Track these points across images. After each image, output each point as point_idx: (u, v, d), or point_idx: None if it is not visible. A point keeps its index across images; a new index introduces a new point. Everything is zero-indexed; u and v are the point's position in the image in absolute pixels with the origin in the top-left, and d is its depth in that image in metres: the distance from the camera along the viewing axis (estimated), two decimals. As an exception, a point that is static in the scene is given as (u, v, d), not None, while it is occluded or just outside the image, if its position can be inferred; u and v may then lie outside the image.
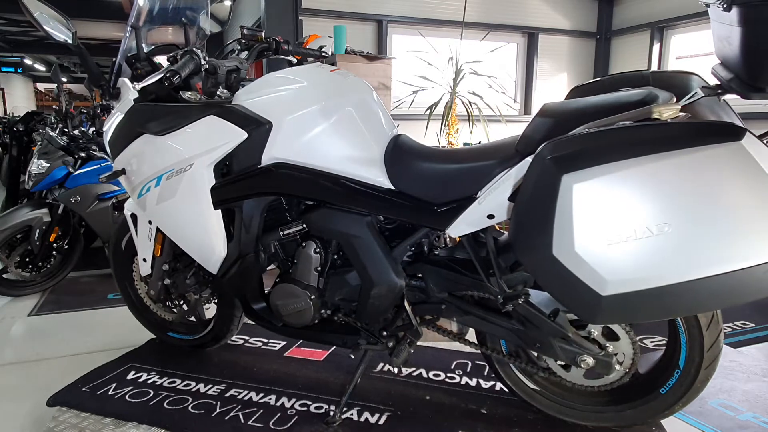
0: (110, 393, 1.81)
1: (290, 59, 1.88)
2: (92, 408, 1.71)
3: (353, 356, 1.65)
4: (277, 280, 1.67)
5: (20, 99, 17.34)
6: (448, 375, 1.91)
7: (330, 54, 2.17)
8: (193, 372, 1.96)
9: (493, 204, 1.29)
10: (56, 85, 3.91)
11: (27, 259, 2.86)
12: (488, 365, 1.68)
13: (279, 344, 2.19)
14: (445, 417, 1.65)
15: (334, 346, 2.09)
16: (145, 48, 1.84)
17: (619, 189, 1.02)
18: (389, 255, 1.50)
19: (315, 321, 1.64)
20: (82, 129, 3.46)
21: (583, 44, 6.90)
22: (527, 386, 1.62)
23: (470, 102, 5.25)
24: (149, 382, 1.89)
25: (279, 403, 1.73)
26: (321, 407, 1.71)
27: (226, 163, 1.58)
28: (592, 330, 1.43)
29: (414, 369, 1.95)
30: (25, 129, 4.09)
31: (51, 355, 2.15)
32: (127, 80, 1.77)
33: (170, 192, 1.62)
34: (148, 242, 1.83)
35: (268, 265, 1.71)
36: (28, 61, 15.77)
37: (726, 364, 2.00)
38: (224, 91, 1.58)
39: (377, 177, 1.46)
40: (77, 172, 2.94)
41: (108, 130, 1.80)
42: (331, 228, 1.53)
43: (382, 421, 1.63)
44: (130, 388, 1.84)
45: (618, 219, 1.03)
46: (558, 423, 1.59)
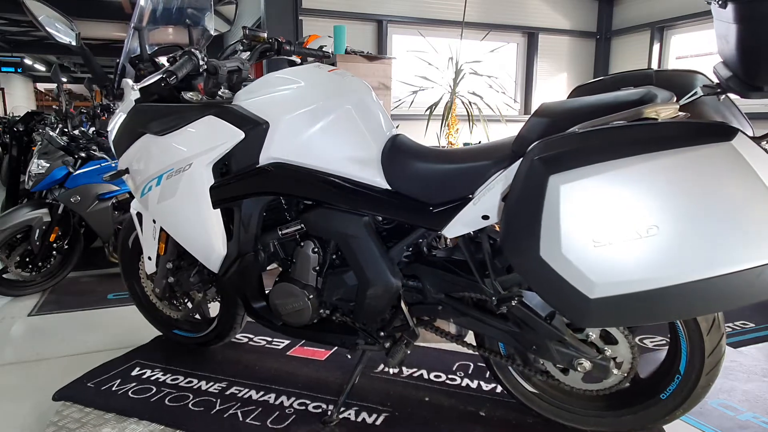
0: (114, 389, 1.83)
1: (293, 59, 1.89)
2: (96, 403, 1.73)
3: (350, 356, 1.65)
4: (277, 280, 1.67)
5: (20, 99, 17.34)
6: (449, 376, 1.90)
7: (330, 54, 2.18)
8: (196, 369, 1.97)
9: (488, 205, 1.28)
10: (56, 85, 3.91)
11: (27, 259, 2.85)
12: (487, 367, 1.67)
13: (282, 343, 2.20)
14: (443, 418, 1.64)
15: (336, 346, 2.09)
16: (149, 49, 1.84)
17: (607, 190, 1.01)
18: (386, 255, 1.49)
19: (314, 321, 1.64)
20: (82, 129, 3.46)
21: (583, 44, 6.90)
22: (526, 389, 1.60)
23: (470, 102, 5.25)
24: (153, 379, 1.90)
25: (278, 402, 1.74)
26: (319, 407, 1.71)
27: (225, 163, 1.59)
28: (590, 333, 1.40)
29: (415, 370, 1.95)
30: (25, 129, 4.09)
31: (51, 355, 2.15)
32: (130, 81, 1.78)
33: (170, 191, 1.63)
34: (153, 241, 1.86)
35: (269, 265, 1.72)
36: (28, 61, 15.77)
37: (726, 364, 2.00)
38: (226, 92, 1.60)
39: (374, 177, 1.46)
40: (77, 172, 2.94)
41: (112, 130, 1.83)
42: (329, 228, 1.53)
43: (379, 422, 1.62)
44: (134, 384, 1.86)
45: (605, 221, 1.01)
46: (557, 427, 1.58)
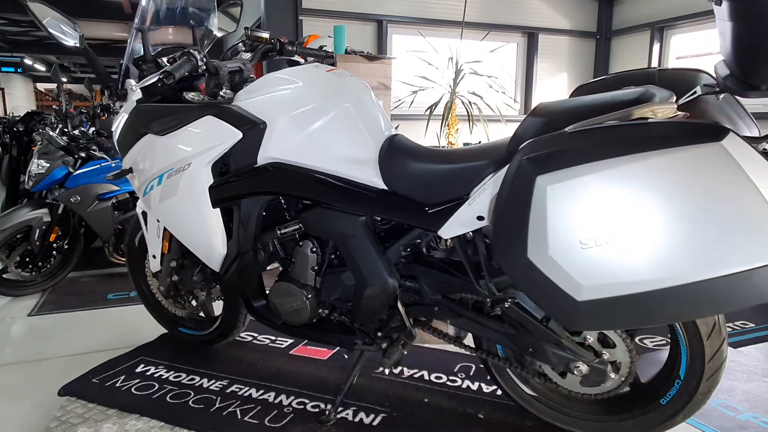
0: (118, 385, 1.85)
1: (296, 59, 1.89)
2: (99, 399, 1.76)
3: (347, 356, 1.66)
4: (277, 279, 1.67)
5: (20, 99, 17.35)
6: (450, 378, 1.90)
7: (333, 54, 2.18)
8: (199, 367, 1.99)
9: (483, 205, 1.27)
10: (56, 85, 3.91)
11: (27, 259, 2.85)
12: (485, 369, 1.66)
13: (285, 342, 2.20)
14: (441, 420, 1.64)
15: (335, 346, 2.10)
16: (152, 49, 1.85)
17: (594, 191, 0.99)
18: (383, 255, 1.49)
19: (313, 320, 1.65)
20: (82, 129, 3.46)
21: (583, 44, 6.90)
22: (524, 392, 1.59)
23: (470, 102, 5.25)
24: (156, 376, 1.93)
25: (277, 401, 1.75)
26: (317, 406, 1.71)
27: (224, 163, 1.60)
28: (588, 336, 1.38)
29: (416, 370, 1.94)
30: (25, 129, 4.09)
31: (51, 355, 2.15)
32: (133, 81, 1.80)
33: (171, 190, 1.65)
34: (157, 239, 1.88)
35: (269, 264, 1.72)
36: (28, 61, 15.76)
37: (726, 364, 2.00)
38: (228, 92, 1.61)
39: (371, 177, 1.46)
40: (77, 172, 2.93)
41: (115, 130, 1.85)
42: (326, 227, 1.53)
43: (376, 422, 1.63)
44: (138, 381, 1.88)
45: (592, 222, 1.00)
46: (556, 431, 1.57)
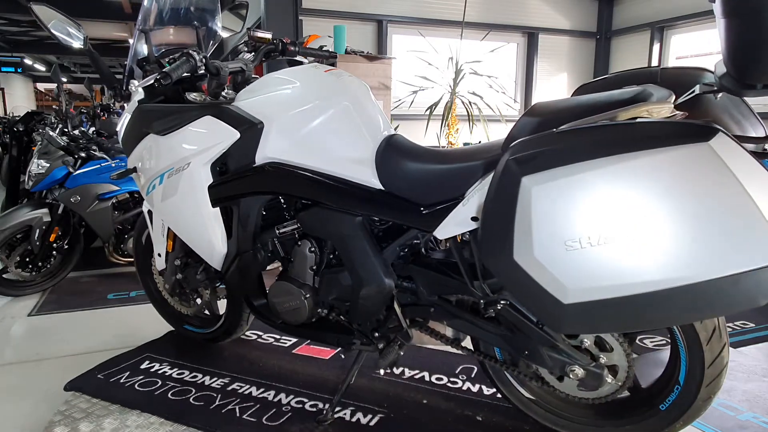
0: (122, 381, 1.88)
1: (298, 60, 1.89)
2: (103, 394, 1.78)
3: (344, 356, 1.65)
4: (277, 278, 1.68)
5: (20, 99, 17.34)
6: (451, 379, 1.89)
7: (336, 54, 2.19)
8: (203, 364, 2.01)
9: (477, 206, 1.26)
10: (56, 85, 3.91)
11: (27, 259, 2.85)
12: (484, 372, 1.65)
13: (289, 341, 2.21)
14: (438, 421, 1.63)
15: (333, 346, 2.10)
16: (156, 50, 1.86)
17: (580, 192, 0.98)
18: (379, 255, 1.48)
19: (312, 319, 1.65)
20: (82, 129, 3.46)
21: (583, 44, 6.90)
22: (522, 395, 1.58)
23: (470, 102, 5.25)
24: (159, 373, 1.95)
25: (276, 399, 1.75)
26: (316, 405, 1.72)
27: (223, 163, 1.61)
28: (585, 340, 1.36)
29: (417, 371, 1.94)
30: (25, 129, 4.09)
31: (51, 355, 2.15)
32: (136, 82, 1.80)
33: (172, 190, 1.67)
34: (161, 238, 1.90)
35: (269, 263, 1.72)
36: (28, 61, 15.77)
37: (727, 370, 1.99)
38: (230, 92, 1.63)
39: (367, 177, 1.46)
40: (77, 172, 2.93)
41: (120, 130, 1.88)
42: (323, 227, 1.53)
43: (373, 423, 1.63)
44: (141, 377, 1.91)
45: (577, 224, 0.98)
46: (554, 435, 1.56)
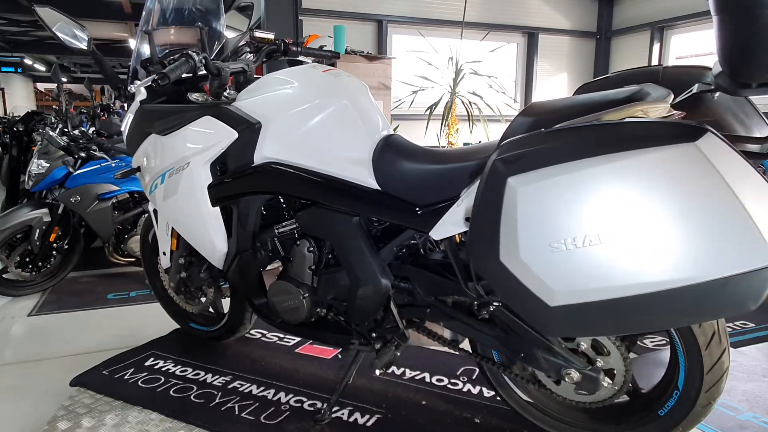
0: (126, 377, 1.91)
1: (301, 60, 1.90)
2: (106, 390, 1.81)
3: (341, 356, 1.65)
4: (277, 277, 1.68)
5: (20, 99, 17.34)
6: (452, 381, 1.88)
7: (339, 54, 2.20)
8: (206, 362, 2.03)
9: (470, 206, 1.23)
10: (56, 85, 3.91)
11: (27, 259, 2.85)
12: (482, 374, 1.64)
13: (293, 340, 2.21)
14: (436, 423, 1.63)
15: (331, 346, 2.10)
16: (160, 51, 1.86)
17: (565, 193, 0.96)
18: (376, 256, 1.48)
19: (312, 319, 1.65)
20: (82, 129, 3.46)
21: (583, 44, 6.90)
22: (520, 398, 1.56)
23: (470, 102, 5.25)
24: (163, 370, 1.97)
25: (276, 398, 1.76)
26: (314, 405, 1.72)
27: (222, 162, 1.62)
28: (581, 343, 1.33)
29: (418, 372, 1.93)
30: (25, 129, 4.09)
31: (51, 355, 2.15)
32: (138, 82, 1.81)
33: (173, 189, 1.68)
34: (166, 236, 1.92)
35: (270, 263, 1.73)
36: (28, 61, 15.76)
37: (728, 375, 1.99)
38: (231, 93, 1.64)
39: (364, 177, 1.45)
40: (77, 172, 2.93)
41: (124, 131, 1.89)
42: (320, 227, 1.54)
43: (370, 423, 1.62)
44: (145, 374, 1.93)
45: (562, 225, 0.97)
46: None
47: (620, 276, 0.95)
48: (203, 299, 2.08)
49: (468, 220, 1.25)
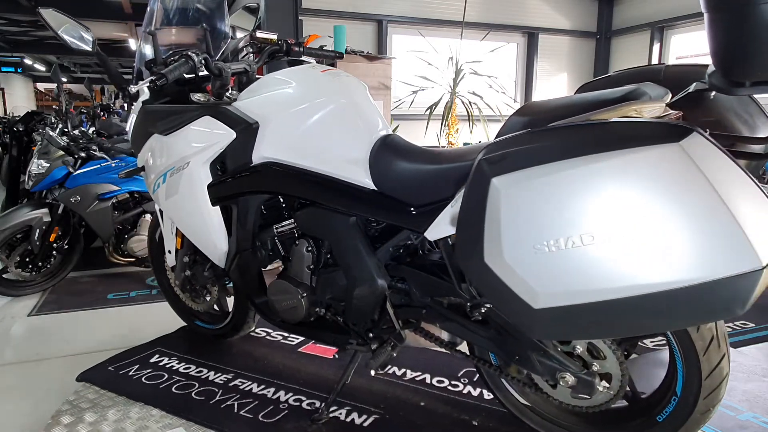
0: (131, 374, 1.93)
1: (304, 60, 1.90)
2: (111, 386, 1.84)
3: (338, 356, 1.65)
4: (277, 276, 1.68)
5: (20, 99, 17.34)
6: (452, 383, 1.87)
7: (341, 53, 2.22)
8: (209, 360, 2.04)
9: None
10: (56, 85, 3.92)
11: (27, 259, 2.85)
12: (480, 377, 1.63)
13: (297, 339, 2.22)
14: (433, 425, 1.62)
15: (329, 345, 2.10)
16: (164, 51, 1.86)
17: (548, 194, 0.95)
18: (372, 256, 1.47)
19: (311, 318, 1.65)
20: (82, 129, 3.46)
21: (583, 44, 6.91)
22: (518, 401, 1.55)
23: (470, 102, 5.26)
24: (167, 367, 1.99)
25: (275, 397, 1.77)
26: (313, 404, 1.72)
27: (222, 162, 1.62)
28: (577, 346, 1.30)
29: (419, 373, 1.93)
30: (25, 129, 4.09)
31: (51, 355, 2.15)
32: (141, 83, 1.84)
33: (174, 188, 1.69)
34: (171, 235, 1.94)
35: (271, 262, 1.73)
36: (28, 61, 15.76)
37: (728, 381, 1.99)
38: (234, 93, 1.64)
39: (361, 177, 1.45)
40: (77, 172, 2.93)
41: (129, 131, 1.91)
42: (318, 227, 1.54)
43: (367, 423, 1.62)
44: (149, 371, 1.95)
45: (546, 227, 0.96)
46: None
47: (603, 279, 0.93)
48: (208, 297, 2.10)
49: None
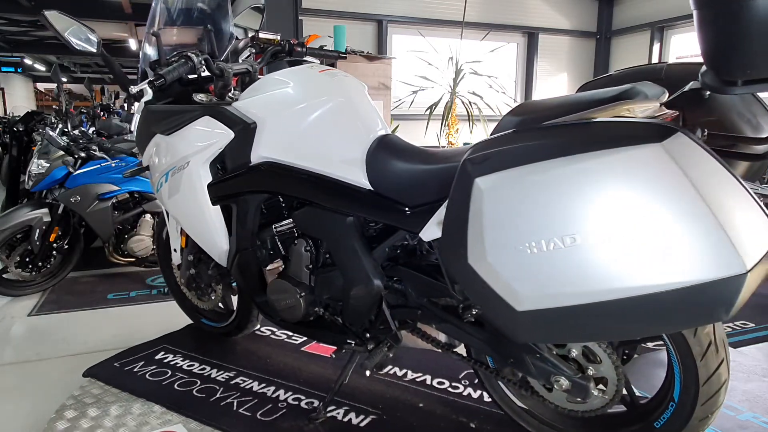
0: (135, 370, 1.96)
1: (307, 60, 1.90)
2: (115, 382, 1.87)
3: (334, 356, 1.66)
4: (277, 276, 1.69)
5: (20, 99, 17.34)
6: (452, 384, 1.86)
7: (343, 53, 2.22)
8: (213, 357, 2.06)
9: None
10: (56, 85, 3.92)
11: (27, 259, 2.85)
12: (477, 379, 1.62)
13: (300, 338, 2.22)
14: (431, 426, 1.62)
15: (328, 345, 2.10)
16: (168, 52, 1.87)
17: (531, 195, 0.94)
18: (368, 256, 1.47)
19: (310, 318, 1.65)
20: (82, 129, 3.46)
21: (583, 44, 6.91)
22: (515, 404, 1.54)
23: (470, 102, 5.26)
24: (171, 364, 2.01)
25: (275, 395, 1.77)
26: (312, 403, 1.72)
27: (222, 162, 1.64)
28: (572, 349, 1.28)
29: (419, 374, 1.92)
30: (25, 129, 4.09)
31: (51, 355, 2.15)
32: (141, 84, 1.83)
33: (175, 187, 1.71)
34: (176, 234, 1.95)
35: (271, 261, 1.73)
36: (28, 61, 15.75)
37: (727, 387, 1.98)
38: (236, 93, 1.64)
39: (357, 177, 1.44)
40: (77, 172, 2.93)
41: (134, 131, 1.93)
42: (315, 226, 1.54)
43: (364, 424, 1.62)
44: (154, 368, 1.98)
45: (528, 228, 0.94)
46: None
47: (585, 281, 0.92)
48: (213, 296, 2.11)
49: None
